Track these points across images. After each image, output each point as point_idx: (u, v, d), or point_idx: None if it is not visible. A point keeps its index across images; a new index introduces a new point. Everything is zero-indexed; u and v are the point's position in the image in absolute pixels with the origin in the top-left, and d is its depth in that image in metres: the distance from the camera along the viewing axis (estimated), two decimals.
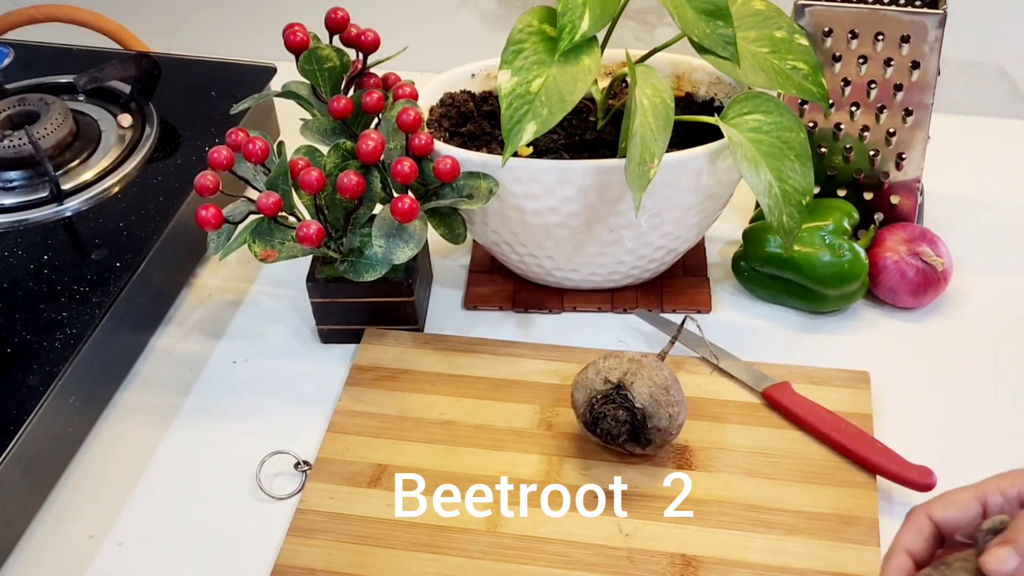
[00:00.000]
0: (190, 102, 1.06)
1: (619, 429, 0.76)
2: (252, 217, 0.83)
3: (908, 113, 0.89)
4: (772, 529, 0.75)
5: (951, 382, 0.86)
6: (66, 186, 0.95)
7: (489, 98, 0.94)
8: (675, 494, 0.77)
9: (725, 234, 0.99)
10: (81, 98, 1.05)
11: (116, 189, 0.96)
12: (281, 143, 0.82)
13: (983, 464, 0.79)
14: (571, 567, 0.73)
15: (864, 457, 0.78)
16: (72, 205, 0.94)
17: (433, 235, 0.92)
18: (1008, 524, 0.55)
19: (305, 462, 0.81)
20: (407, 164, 0.80)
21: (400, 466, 0.80)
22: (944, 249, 0.90)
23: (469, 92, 0.94)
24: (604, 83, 0.91)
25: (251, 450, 0.83)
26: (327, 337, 0.92)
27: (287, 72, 0.91)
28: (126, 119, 1.02)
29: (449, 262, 0.99)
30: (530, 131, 0.76)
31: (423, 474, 0.79)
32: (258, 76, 1.07)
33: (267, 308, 0.96)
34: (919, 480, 0.76)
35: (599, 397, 0.77)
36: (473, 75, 0.94)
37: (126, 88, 1.05)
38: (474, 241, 0.98)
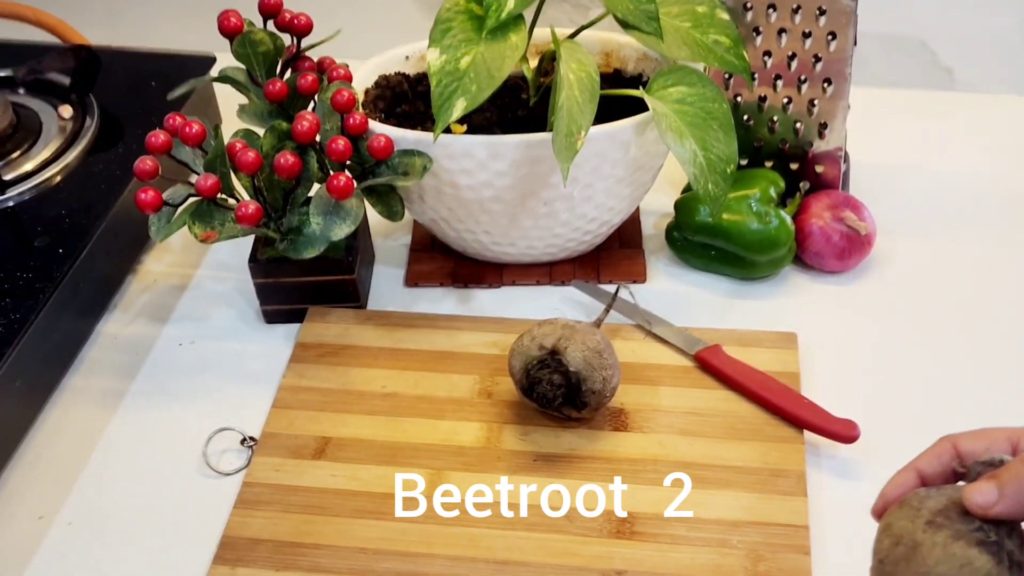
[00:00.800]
0: (130, 93, 1.07)
1: (555, 393, 0.78)
2: (191, 199, 0.84)
3: (828, 83, 0.92)
4: (705, 484, 0.77)
5: (875, 341, 0.89)
6: (7, 176, 0.96)
7: (423, 79, 0.96)
8: (611, 455, 0.80)
9: (658, 207, 1.02)
10: (21, 91, 1.06)
11: (58, 179, 0.97)
12: (217, 126, 0.84)
13: (905, 417, 0.83)
14: (511, 528, 0.75)
15: (791, 413, 0.81)
16: (13, 195, 0.95)
17: (373, 216, 0.94)
18: (1006, 463, 0.54)
19: (251, 438, 0.83)
20: (342, 142, 0.82)
21: (344, 438, 0.82)
22: (868, 215, 0.94)
23: (403, 74, 0.96)
24: (534, 62, 0.93)
25: (198, 429, 0.84)
26: (271, 317, 0.93)
27: (226, 62, 0.92)
28: (67, 110, 1.03)
29: (390, 242, 1.01)
30: (460, 107, 0.79)
31: (366, 445, 0.81)
32: (198, 66, 1.09)
33: (212, 292, 0.98)
34: (843, 432, 0.79)
35: (534, 363, 0.79)
36: (407, 57, 0.96)
37: (66, 80, 1.06)
38: (414, 221, 1.01)
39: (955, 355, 0.88)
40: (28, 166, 0.98)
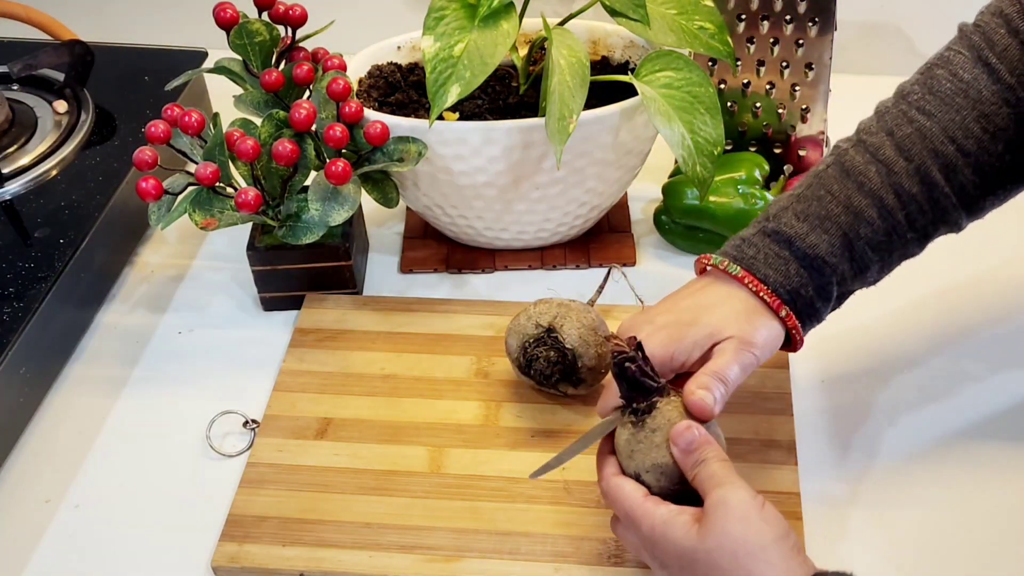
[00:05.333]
0: (124, 88, 1.09)
1: (551, 369, 0.80)
2: (191, 188, 0.86)
3: (809, 68, 0.95)
4: None
5: (857, 316, 0.91)
6: (5, 170, 0.97)
7: (415, 69, 0.98)
8: None
9: (645, 193, 1.04)
10: (15, 87, 1.07)
11: (54, 172, 0.99)
12: (217, 115, 0.86)
13: (888, 384, 0.85)
14: (511, 500, 0.77)
15: None
16: (11, 188, 0.97)
17: (367, 204, 0.96)
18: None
19: (253, 420, 0.85)
20: (339, 129, 0.84)
21: (344, 418, 0.84)
22: None
23: (396, 64, 0.98)
24: (524, 51, 0.95)
25: (200, 413, 0.86)
26: (269, 305, 0.95)
27: (218, 57, 0.94)
28: (61, 105, 1.05)
29: (384, 230, 1.03)
30: (454, 93, 0.81)
31: (367, 425, 0.83)
32: (190, 60, 1.10)
33: (209, 281, 0.99)
34: None
35: (531, 341, 0.81)
36: (399, 47, 0.98)
37: (60, 76, 1.07)
38: (408, 208, 1.02)
39: (936, 331, 0.90)
40: (25, 160, 0.99)
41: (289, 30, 0.92)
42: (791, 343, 0.74)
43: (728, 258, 0.74)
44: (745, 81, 0.97)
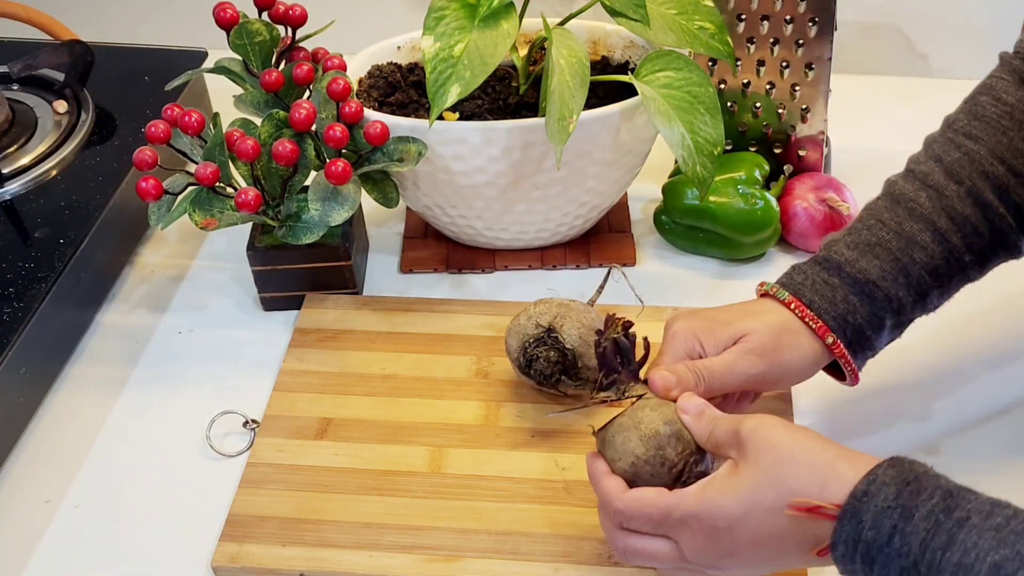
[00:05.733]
0: (124, 88, 1.09)
1: (552, 369, 0.80)
2: (191, 188, 0.86)
3: (809, 68, 0.95)
4: None
5: None
6: (5, 170, 0.97)
7: (415, 68, 0.98)
8: None
9: (645, 193, 1.04)
10: (15, 87, 1.07)
11: (54, 172, 0.99)
12: (217, 115, 0.86)
13: (887, 386, 0.86)
14: (512, 500, 0.77)
15: None
16: (11, 188, 0.97)
17: (367, 205, 0.96)
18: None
19: (253, 420, 0.85)
20: (339, 129, 0.84)
21: (345, 418, 0.84)
22: (849, 195, 0.96)
23: (395, 64, 0.98)
24: (524, 51, 0.95)
25: (200, 413, 0.86)
26: (269, 305, 0.95)
27: (218, 56, 0.94)
28: (61, 105, 1.05)
29: (384, 230, 1.03)
30: (454, 93, 0.81)
31: (367, 425, 0.83)
32: (189, 60, 1.10)
33: (209, 281, 0.99)
34: None
35: (531, 341, 0.81)
36: (399, 47, 0.98)
37: (60, 76, 1.07)
38: (407, 208, 1.02)
39: (933, 328, 0.90)
40: (25, 160, 0.99)
41: (289, 30, 0.92)
42: (843, 374, 0.74)
43: (779, 285, 0.75)
44: (745, 81, 0.97)
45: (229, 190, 0.86)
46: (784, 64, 0.95)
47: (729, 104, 0.98)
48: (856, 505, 0.57)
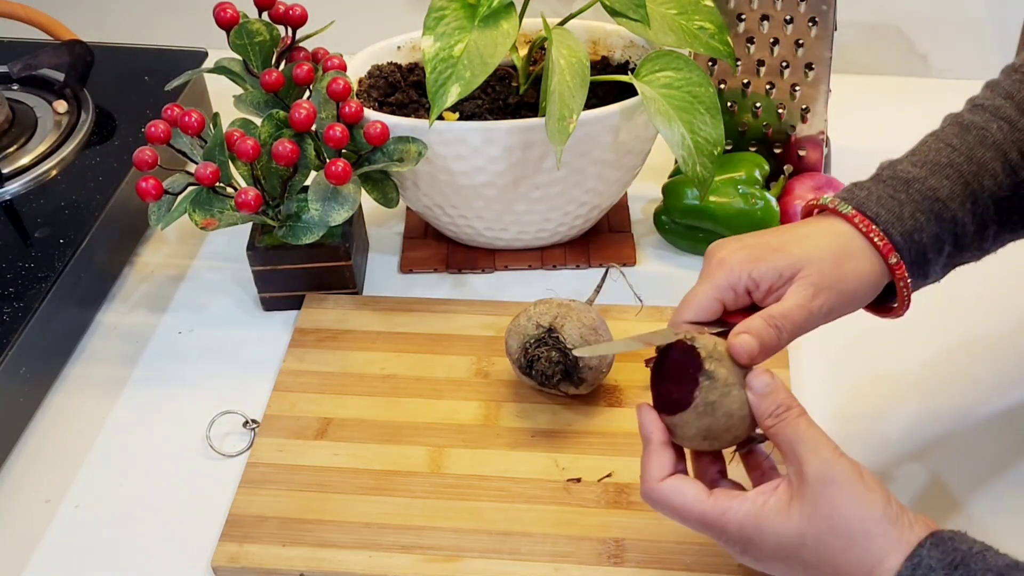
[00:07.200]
0: (124, 88, 1.09)
1: (553, 370, 0.80)
2: (191, 188, 0.86)
3: (809, 68, 0.95)
4: None
5: (858, 315, 0.91)
6: (5, 170, 0.97)
7: (415, 68, 0.98)
8: (606, 430, 0.82)
9: (645, 193, 1.04)
10: (15, 87, 1.07)
11: (54, 172, 0.99)
12: (217, 115, 0.86)
13: (889, 387, 0.85)
14: (512, 500, 0.77)
15: None
16: (12, 188, 0.97)
17: (367, 205, 0.96)
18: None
19: (253, 420, 0.85)
20: (339, 129, 0.84)
21: (345, 418, 0.84)
22: None
23: (395, 64, 0.98)
24: (524, 51, 0.95)
25: (200, 413, 0.86)
26: (269, 305, 0.95)
27: (218, 57, 0.94)
28: (61, 105, 1.05)
29: (384, 230, 1.03)
30: (454, 93, 0.81)
31: (367, 425, 0.83)
32: (189, 60, 1.10)
33: (209, 281, 0.99)
34: None
35: (532, 341, 0.81)
36: (399, 47, 0.98)
37: (60, 76, 1.07)
38: (407, 209, 1.02)
39: (935, 327, 0.90)
40: (25, 160, 0.99)
41: (289, 30, 0.92)
42: (892, 301, 0.68)
43: (839, 199, 0.68)
44: (745, 81, 0.97)
45: (229, 190, 0.86)
46: (784, 64, 0.95)
47: (729, 104, 0.98)
48: None
